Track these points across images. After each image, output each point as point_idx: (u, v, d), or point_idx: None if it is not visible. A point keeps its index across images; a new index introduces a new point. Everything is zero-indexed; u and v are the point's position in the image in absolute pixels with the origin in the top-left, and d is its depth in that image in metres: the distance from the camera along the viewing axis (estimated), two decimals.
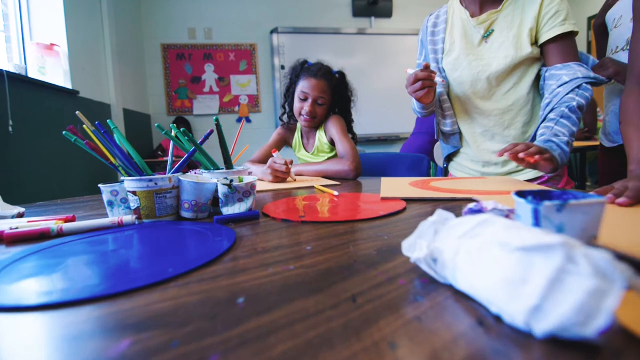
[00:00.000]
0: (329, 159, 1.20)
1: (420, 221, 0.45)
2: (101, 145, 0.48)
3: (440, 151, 2.09)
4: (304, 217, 0.48)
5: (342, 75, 1.20)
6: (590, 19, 3.97)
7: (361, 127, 1.27)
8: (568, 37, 0.80)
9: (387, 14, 3.83)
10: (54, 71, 2.20)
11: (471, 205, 0.33)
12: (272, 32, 3.54)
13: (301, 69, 1.18)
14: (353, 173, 1.01)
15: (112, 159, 0.49)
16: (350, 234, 0.40)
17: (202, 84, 3.56)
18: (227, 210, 0.51)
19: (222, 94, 3.60)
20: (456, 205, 0.54)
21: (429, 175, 1.42)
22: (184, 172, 0.57)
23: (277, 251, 0.34)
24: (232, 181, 0.52)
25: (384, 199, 0.61)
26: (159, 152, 3.10)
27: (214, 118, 0.52)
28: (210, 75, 3.57)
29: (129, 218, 0.48)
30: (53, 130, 1.96)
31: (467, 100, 0.92)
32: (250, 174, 0.61)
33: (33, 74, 2.11)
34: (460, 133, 0.97)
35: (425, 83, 0.80)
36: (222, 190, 0.50)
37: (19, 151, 1.74)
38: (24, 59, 2.15)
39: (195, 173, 0.65)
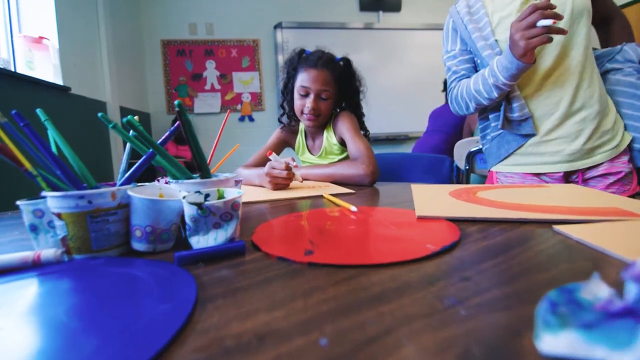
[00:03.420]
0: (339, 161, 1.04)
1: (497, 264, 0.28)
2: (10, 144, 0.32)
3: (460, 151, 1.91)
4: (312, 252, 0.32)
5: (346, 62, 1.02)
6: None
7: (368, 126, 1.11)
8: None
9: (396, 7, 3.66)
10: (43, 66, 2.06)
11: None
12: (275, 27, 3.39)
13: (298, 60, 0.99)
14: (369, 178, 0.84)
15: (26, 165, 0.33)
16: (393, 296, 0.23)
17: (203, 81, 3.42)
18: (198, 242, 0.34)
19: (223, 91, 3.45)
20: (532, 230, 0.37)
21: (451, 180, 1.24)
22: (138, 183, 0.41)
23: (263, 349, 0.18)
24: (207, 196, 0.35)
25: (420, 218, 0.44)
26: None
27: (176, 103, 0.35)
28: (211, 72, 3.43)
29: (49, 253, 0.32)
30: (41, 129, 1.82)
31: (534, 70, 0.76)
32: (237, 183, 0.45)
33: (21, 68, 1.97)
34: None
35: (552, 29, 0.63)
36: (188, 211, 0.33)
37: None
38: (12, 53, 2.02)
39: (167, 182, 0.49)
